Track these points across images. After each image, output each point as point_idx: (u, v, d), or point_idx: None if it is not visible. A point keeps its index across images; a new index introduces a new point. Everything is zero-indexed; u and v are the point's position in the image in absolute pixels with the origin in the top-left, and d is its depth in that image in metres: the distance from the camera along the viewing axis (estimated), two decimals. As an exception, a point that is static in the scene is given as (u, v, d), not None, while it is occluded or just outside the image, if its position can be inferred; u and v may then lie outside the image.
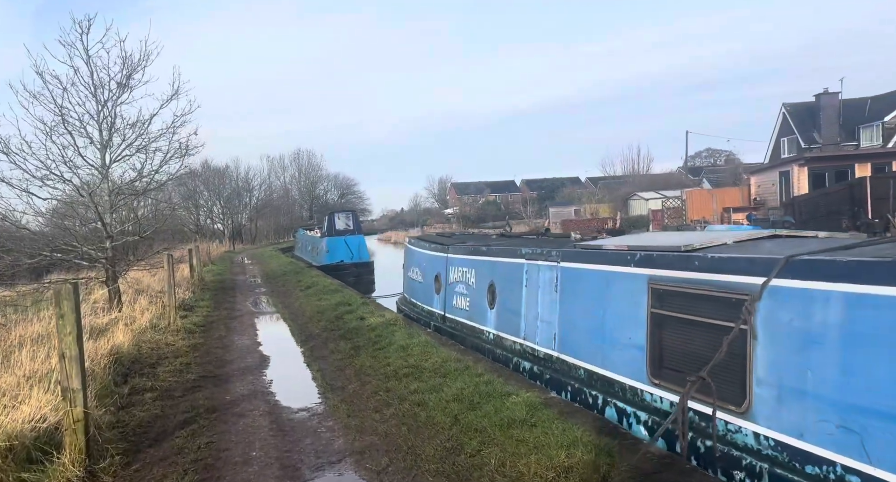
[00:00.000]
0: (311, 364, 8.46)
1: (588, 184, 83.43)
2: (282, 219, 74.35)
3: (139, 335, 10.05)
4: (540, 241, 8.63)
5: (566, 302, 6.24)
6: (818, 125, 36.95)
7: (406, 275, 12.99)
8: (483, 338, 8.37)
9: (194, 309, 13.94)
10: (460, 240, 11.08)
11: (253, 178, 71.23)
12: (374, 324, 10.09)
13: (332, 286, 16.67)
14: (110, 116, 13.65)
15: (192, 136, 14.83)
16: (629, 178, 49.41)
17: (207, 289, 18.40)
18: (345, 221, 26.78)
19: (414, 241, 12.61)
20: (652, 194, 33.43)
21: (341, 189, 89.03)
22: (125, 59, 13.44)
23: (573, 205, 55.86)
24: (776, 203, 24.49)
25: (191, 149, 14.80)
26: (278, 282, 20.46)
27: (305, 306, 13.90)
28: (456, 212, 70.68)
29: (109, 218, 13.79)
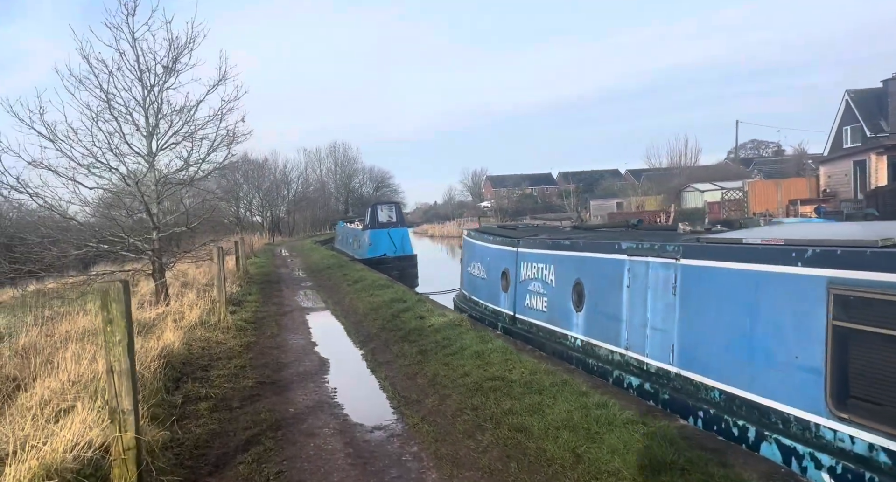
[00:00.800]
0: (376, 370, 7.61)
1: (628, 176, 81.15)
2: (318, 211, 74.38)
3: (189, 333, 9.38)
4: (635, 234, 7.61)
5: (690, 307, 5.21)
6: (885, 112, 34.57)
7: (465, 271, 12.07)
8: (567, 344, 7.39)
9: (242, 304, 13.29)
10: (529, 232, 10.09)
11: (291, 171, 71.40)
12: (438, 325, 9.21)
13: (382, 281, 15.88)
14: (157, 102, 13.07)
15: (240, 122, 14.20)
16: (676, 169, 47.43)
17: (253, 282, 17.83)
18: (388, 214, 26.00)
19: (474, 233, 11.67)
20: (708, 186, 31.69)
21: (376, 182, 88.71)
22: (171, 41, 12.82)
23: (615, 197, 54.14)
24: (849, 194, 22.76)
25: (238, 136, 14.16)
26: (323, 275, 19.80)
27: (357, 302, 13.11)
28: (493, 205, 69.47)
29: (156, 208, 13.25)
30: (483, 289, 10.72)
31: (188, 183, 13.99)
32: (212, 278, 16.72)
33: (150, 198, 13.08)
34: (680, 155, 48.84)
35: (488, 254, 10.51)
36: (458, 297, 12.44)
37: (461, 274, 12.47)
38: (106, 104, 12.45)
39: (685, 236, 6.21)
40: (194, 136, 13.95)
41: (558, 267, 7.86)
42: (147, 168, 13.30)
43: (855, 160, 22.28)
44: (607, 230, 9.46)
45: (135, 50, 12.36)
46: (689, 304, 5.22)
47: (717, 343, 4.85)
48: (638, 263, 5.99)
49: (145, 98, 12.92)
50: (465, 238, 12.25)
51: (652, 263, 5.75)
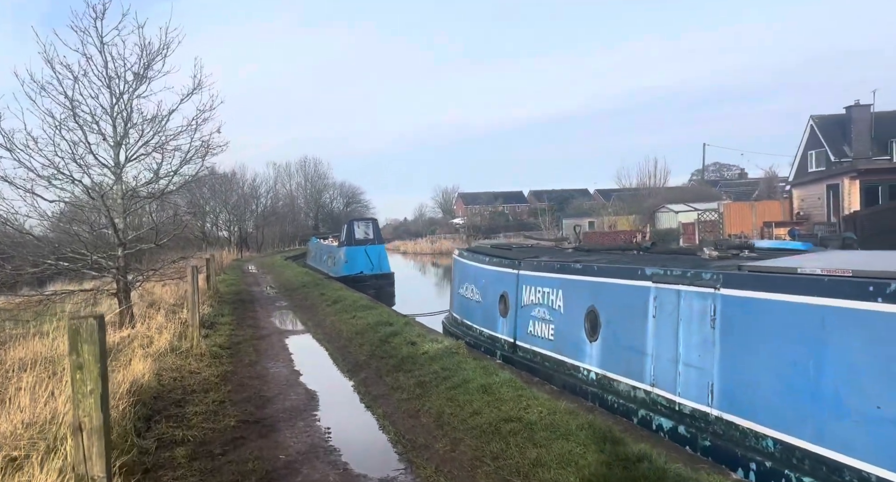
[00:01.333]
0: (372, 405, 6.93)
1: (597, 196, 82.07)
2: (287, 227, 72.96)
3: (159, 361, 8.53)
4: (653, 258, 7.15)
5: (733, 343, 4.73)
6: (849, 138, 35.60)
7: (455, 293, 11.48)
8: (579, 377, 6.85)
9: (216, 327, 12.40)
10: (527, 253, 9.57)
11: (259, 186, 69.93)
12: (433, 352, 8.57)
13: (363, 301, 15.15)
14: (126, 110, 12.25)
15: (215, 133, 13.44)
16: (646, 190, 47.96)
17: (225, 302, 16.87)
18: (364, 230, 25.30)
19: (466, 253, 11.11)
20: (682, 207, 31.92)
21: (347, 197, 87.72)
22: (143, 47, 12.06)
23: (587, 216, 54.42)
24: (822, 218, 23.03)
25: (213, 148, 13.39)
26: (298, 294, 18.93)
27: (339, 325, 12.37)
28: (465, 222, 69.16)
29: (122, 223, 12.35)
30: (478, 313, 10.14)
31: (158, 196, 13.10)
32: (180, 298, 15.74)
33: (115, 212, 12.19)
34: (649, 176, 49.47)
35: (484, 276, 9.95)
36: (449, 321, 11.82)
37: (451, 295, 11.87)
38: (70, 112, 11.61)
39: (718, 262, 5.76)
40: (166, 146, 13.16)
41: (568, 292, 7.34)
42: (113, 180, 12.44)
43: (828, 184, 22.63)
44: (617, 253, 9.01)
45: (103, 55, 11.58)
46: (733, 339, 4.74)
47: (770, 385, 4.37)
48: (666, 291, 5.51)
49: (113, 106, 12.12)
50: (457, 258, 11.67)
51: (685, 292, 5.26)
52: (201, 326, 11.89)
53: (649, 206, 36.25)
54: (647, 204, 37.75)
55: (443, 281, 34.64)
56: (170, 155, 13.21)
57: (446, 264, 48.78)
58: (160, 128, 12.97)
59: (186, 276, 14.92)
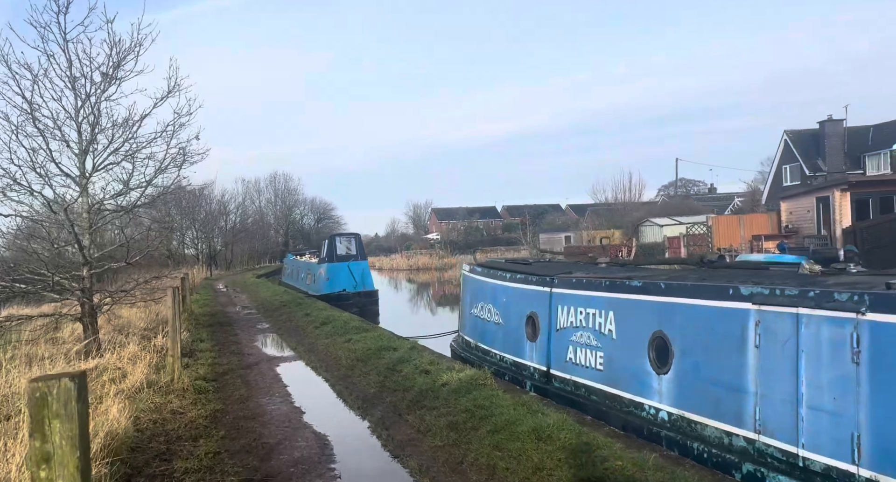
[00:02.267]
0: (400, 455, 5.74)
1: (569, 210, 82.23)
2: (257, 244, 70.77)
3: (135, 400, 7.19)
4: (728, 273, 6.18)
5: (890, 383, 3.75)
6: (823, 152, 35.95)
7: (467, 313, 10.37)
8: (644, 416, 5.80)
9: (195, 354, 11.00)
10: (559, 268, 8.53)
11: (228, 202, 67.74)
12: (455, 384, 7.44)
13: (355, 322, 13.89)
14: (93, 114, 10.91)
15: (193, 140, 12.16)
16: (620, 204, 47.80)
17: (201, 325, 15.38)
18: (347, 246, 23.96)
19: (480, 268, 10.01)
20: (667, 220, 31.52)
21: (318, 213, 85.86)
22: (113, 45, 10.79)
23: (564, 231, 54.06)
24: (812, 231, 22.73)
25: (191, 156, 12.09)
26: (280, 315, 17.51)
27: (334, 350, 11.10)
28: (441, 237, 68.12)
29: (88, 239, 10.95)
30: (497, 336, 9.04)
31: (129, 210, 11.69)
32: (152, 322, 14.22)
33: (80, 227, 10.81)
34: (624, 190, 49.36)
35: (505, 294, 8.87)
36: (459, 344, 10.68)
37: (461, 316, 10.76)
38: (29, 115, 10.27)
39: (834, 278, 4.81)
40: (137, 155, 11.83)
41: (622, 313, 6.32)
42: (78, 192, 11.05)
43: (818, 196, 22.39)
44: (666, 267, 8.04)
45: (66, 53, 10.28)
46: (889, 379, 3.76)
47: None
48: (776, 315, 4.52)
49: (79, 110, 10.80)
50: (468, 275, 10.56)
51: (807, 317, 4.28)
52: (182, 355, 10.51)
53: (633, 219, 35.85)
54: (629, 218, 37.37)
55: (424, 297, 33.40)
56: (142, 164, 11.90)
57: (423, 280, 47.48)
58: (131, 134, 11.67)
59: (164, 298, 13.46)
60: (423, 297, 33.57)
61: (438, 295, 33.15)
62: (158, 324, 13.86)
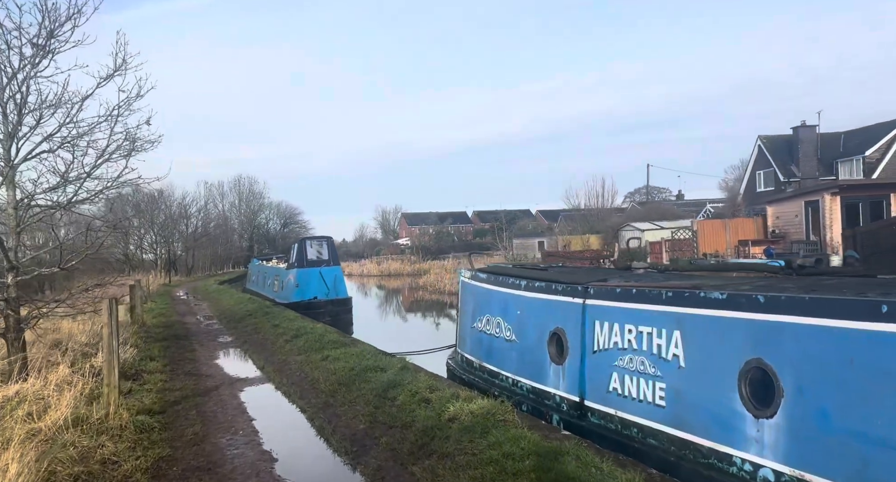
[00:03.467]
0: (416, 531, 4.17)
1: (539, 216, 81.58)
2: (219, 249, 67.80)
3: (51, 446, 5.43)
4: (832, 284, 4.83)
5: None
6: (796, 158, 35.75)
7: (466, 326, 8.82)
8: (734, 472, 4.36)
9: (142, 376, 9.17)
10: (593, 275, 7.06)
11: (190, 205, 64.66)
12: (466, 420, 5.91)
13: (332, 335, 12.21)
14: (21, 92, 9.10)
15: (144, 125, 10.38)
16: (594, 210, 47.07)
17: (154, 338, 13.42)
18: (318, 250, 22.12)
19: (485, 275, 8.47)
20: (648, 225, 30.65)
21: (284, 218, 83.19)
22: (46, 11, 9.00)
23: (537, 237, 53.08)
24: (800, 235, 21.99)
25: (141, 143, 10.31)
26: (246, 326, 15.65)
27: (310, 370, 9.42)
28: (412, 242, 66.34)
29: (14, 241, 9.10)
30: (509, 357, 7.53)
31: (65, 207, 9.78)
32: (95, 336, 12.24)
33: (4, 225, 8.97)
34: (598, 196, 48.68)
35: (520, 306, 7.38)
36: (457, 363, 9.11)
37: (460, 329, 9.20)
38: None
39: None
40: (77, 143, 10.01)
41: (694, 334, 4.89)
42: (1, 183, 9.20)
43: (806, 200, 21.67)
44: (739, 273, 6.65)
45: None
46: None
47: None
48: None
49: (4, 87, 8.97)
50: (467, 282, 9.02)
51: None
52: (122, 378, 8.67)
53: (612, 224, 34.92)
54: (608, 222, 36.45)
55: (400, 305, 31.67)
56: (82, 152, 10.06)
57: (396, 286, 45.69)
58: (69, 118, 9.82)
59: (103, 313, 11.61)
60: (399, 305, 31.88)
61: (415, 302, 31.52)
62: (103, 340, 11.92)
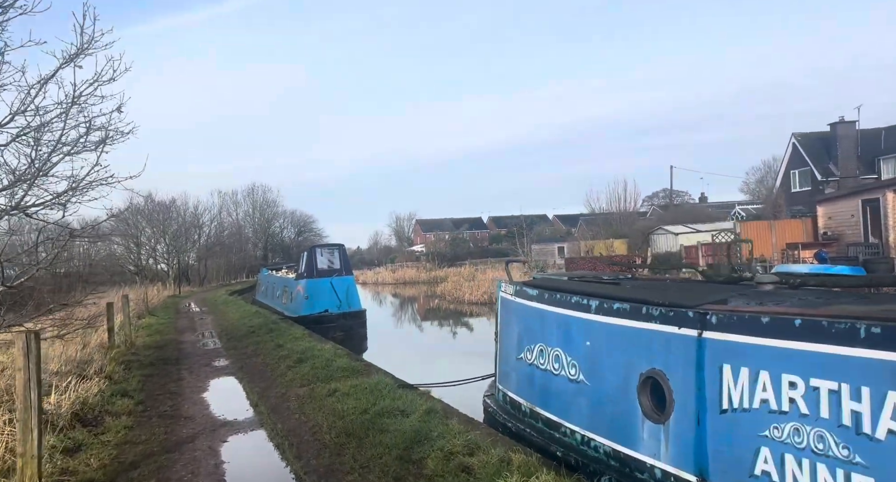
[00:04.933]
0: None
1: (556, 221, 79.36)
2: (233, 258, 66.40)
3: None
4: None
5: None
6: (834, 156, 33.32)
7: (512, 357, 6.78)
8: None
9: (104, 421, 7.24)
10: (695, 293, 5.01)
11: (202, 214, 63.39)
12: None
13: (341, 360, 10.24)
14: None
15: (115, 113, 8.56)
16: (616, 214, 44.83)
17: (137, 362, 11.54)
18: (329, 258, 20.24)
19: (535, 291, 6.38)
20: (681, 228, 28.38)
21: (298, 226, 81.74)
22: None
23: (556, 242, 51.00)
24: (857, 237, 19.73)
25: (110, 132, 8.49)
26: (246, 346, 13.74)
27: (312, 411, 7.45)
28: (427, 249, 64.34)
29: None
30: (574, 403, 5.49)
31: (12, 211, 7.93)
32: (68, 362, 10.39)
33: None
34: (619, 199, 46.42)
35: (589, 334, 5.35)
36: (498, 403, 7.04)
37: (500, 359, 7.16)
38: None
39: None
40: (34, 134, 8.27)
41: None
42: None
43: (864, 199, 19.44)
44: None
45: None
46: None
47: None
48: None
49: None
50: (509, 298, 6.97)
51: None
52: (74, 424, 6.75)
53: (641, 227, 32.68)
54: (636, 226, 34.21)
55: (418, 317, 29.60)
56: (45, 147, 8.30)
57: (412, 294, 43.70)
58: (25, 105, 8.06)
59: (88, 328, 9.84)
60: (417, 316, 29.79)
61: (433, 312, 29.46)
62: (80, 364, 10.07)
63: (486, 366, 11.91)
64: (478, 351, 18.06)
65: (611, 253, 35.90)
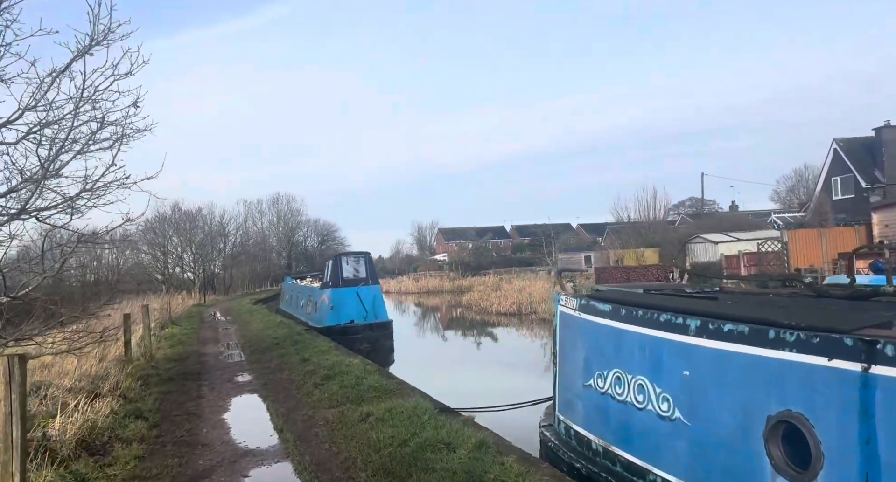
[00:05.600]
0: None
1: (580, 230, 77.81)
2: (258, 266, 66.27)
3: None
4: None
5: None
6: (880, 162, 31.58)
7: (577, 383, 5.75)
8: None
9: (112, 448, 6.39)
10: (832, 312, 3.96)
11: (228, 223, 63.41)
12: None
13: (373, 377, 9.31)
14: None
15: (131, 108, 7.82)
16: (644, 223, 43.34)
17: (156, 377, 10.74)
18: (355, 267, 19.36)
19: (607, 305, 5.37)
20: (721, 237, 26.95)
21: (321, 235, 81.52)
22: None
23: (583, 251, 49.66)
24: (919, 246, 18.22)
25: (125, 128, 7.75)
26: (270, 360, 12.89)
27: (344, 440, 6.51)
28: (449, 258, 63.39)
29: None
30: (667, 446, 4.45)
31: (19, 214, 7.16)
32: (82, 377, 9.64)
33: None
34: (648, 208, 44.90)
35: (688, 361, 4.32)
36: (560, 437, 6.01)
37: (559, 383, 6.14)
38: None
39: None
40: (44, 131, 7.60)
41: None
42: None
43: (926, 204, 18.01)
44: None
45: None
46: None
47: None
48: None
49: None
50: (570, 313, 5.96)
51: None
52: (85, 453, 5.92)
53: (678, 236, 31.27)
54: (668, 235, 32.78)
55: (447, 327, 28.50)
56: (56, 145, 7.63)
57: (436, 304, 42.72)
58: (35, 100, 7.39)
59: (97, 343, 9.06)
60: (444, 328, 28.70)
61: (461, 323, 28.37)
62: (94, 380, 9.32)
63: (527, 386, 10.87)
64: (514, 365, 16.92)
65: (641, 262, 34.54)
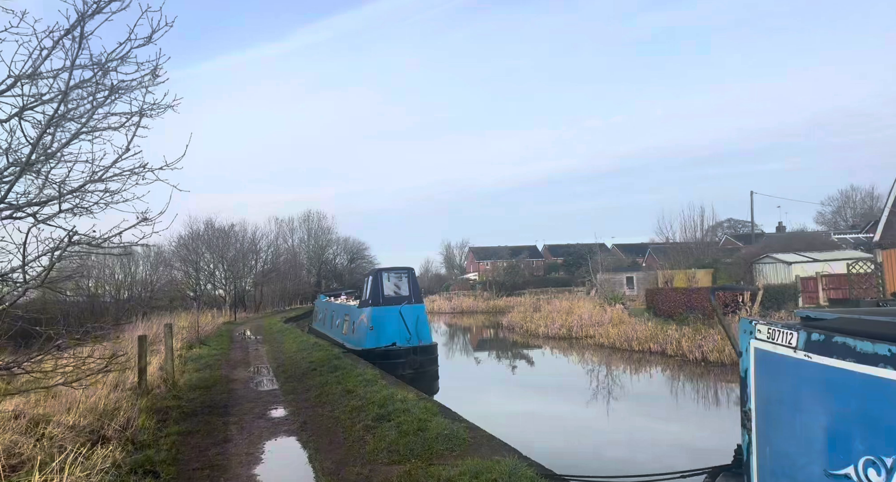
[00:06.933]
0: None
1: (616, 250, 75.01)
2: (288, 284, 65.14)
3: None
4: None
5: None
6: (959, 178, 28.60)
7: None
8: None
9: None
10: None
11: (260, 240, 62.56)
12: None
13: (438, 420, 7.35)
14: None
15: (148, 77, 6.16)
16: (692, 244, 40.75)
17: (177, 411, 8.95)
18: (396, 283, 17.48)
19: (852, 341, 3.40)
20: (795, 257, 24.26)
21: (351, 253, 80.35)
22: None
23: (623, 271, 47.09)
24: None
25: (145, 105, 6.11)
26: (308, 389, 11.03)
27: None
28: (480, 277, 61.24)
29: None
30: None
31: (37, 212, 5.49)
32: (85, 413, 7.92)
33: None
34: (695, 227, 42.25)
35: None
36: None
37: (755, 456, 4.12)
38: None
39: None
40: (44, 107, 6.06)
41: None
42: None
43: None
44: None
45: None
46: None
47: None
48: None
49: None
50: (782, 351, 3.97)
51: None
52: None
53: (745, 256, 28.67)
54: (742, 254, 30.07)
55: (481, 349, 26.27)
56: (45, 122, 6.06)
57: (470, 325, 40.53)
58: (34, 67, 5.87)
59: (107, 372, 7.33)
60: (484, 349, 26.48)
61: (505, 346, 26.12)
62: (101, 417, 7.57)
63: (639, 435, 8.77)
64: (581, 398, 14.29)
65: (693, 284, 32.00)
